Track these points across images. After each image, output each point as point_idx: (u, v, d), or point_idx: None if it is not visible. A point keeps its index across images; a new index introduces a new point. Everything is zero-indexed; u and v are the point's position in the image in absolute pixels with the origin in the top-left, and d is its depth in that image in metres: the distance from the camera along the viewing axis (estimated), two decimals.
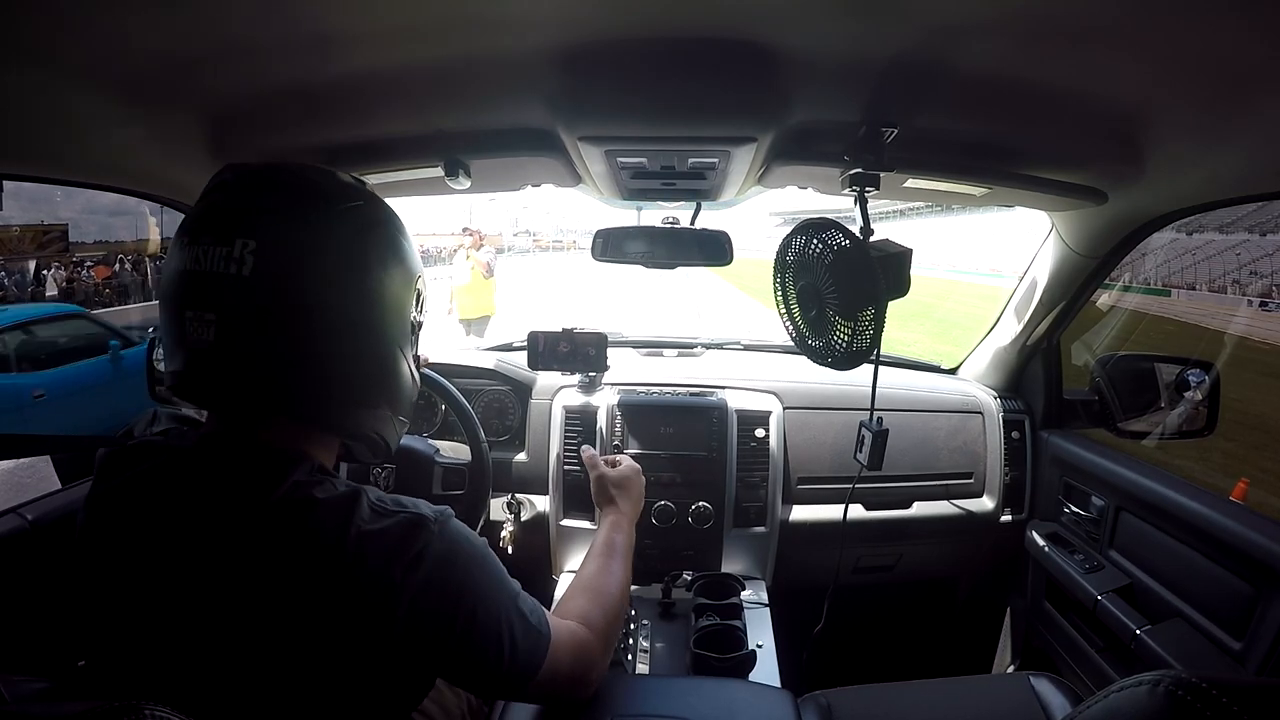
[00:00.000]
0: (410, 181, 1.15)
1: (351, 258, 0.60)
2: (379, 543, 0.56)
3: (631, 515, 1.03)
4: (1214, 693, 0.35)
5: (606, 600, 0.83)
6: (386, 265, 0.63)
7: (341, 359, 0.61)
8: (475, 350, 1.75)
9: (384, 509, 0.59)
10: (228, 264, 0.55)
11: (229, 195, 0.59)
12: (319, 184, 0.61)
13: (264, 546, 0.54)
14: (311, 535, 0.55)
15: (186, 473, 0.59)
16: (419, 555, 0.57)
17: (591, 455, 1.12)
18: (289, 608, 0.53)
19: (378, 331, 0.63)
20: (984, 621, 1.69)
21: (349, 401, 0.64)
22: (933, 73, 0.74)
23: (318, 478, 0.59)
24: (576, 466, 1.44)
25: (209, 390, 0.60)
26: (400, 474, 1.25)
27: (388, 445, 0.71)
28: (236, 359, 0.57)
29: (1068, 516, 1.43)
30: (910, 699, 1.04)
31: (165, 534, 0.56)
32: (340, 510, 0.57)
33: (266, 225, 0.57)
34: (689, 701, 0.84)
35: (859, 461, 1.10)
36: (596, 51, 0.72)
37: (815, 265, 0.95)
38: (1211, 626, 1.05)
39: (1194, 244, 30.81)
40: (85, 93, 0.74)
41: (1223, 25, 0.58)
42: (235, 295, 0.55)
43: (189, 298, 0.56)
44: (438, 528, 0.60)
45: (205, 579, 0.54)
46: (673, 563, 1.34)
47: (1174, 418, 1.36)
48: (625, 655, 1.13)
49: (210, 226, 0.57)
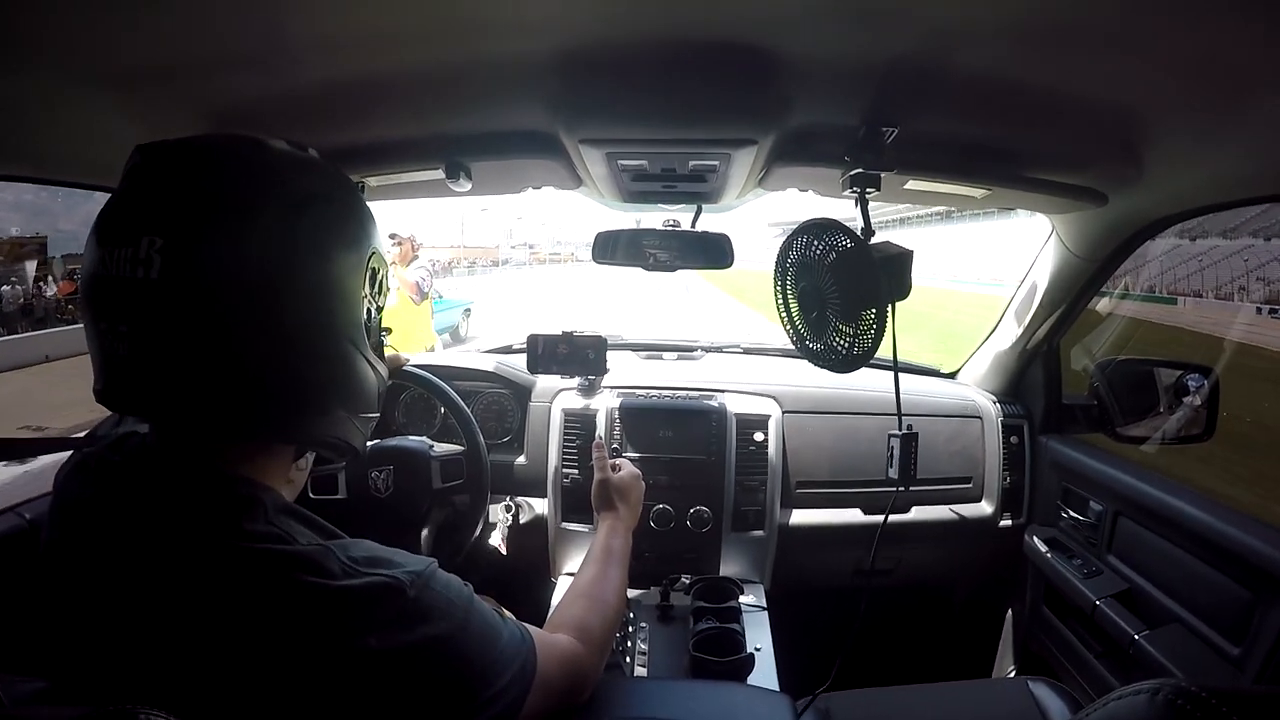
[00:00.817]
0: (411, 184, 1.15)
1: (284, 247, 0.52)
2: (346, 604, 0.51)
3: (630, 522, 1.03)
4: (1213, 702, 0.35)
5: (603, 607, 0.82)
6: (328, 251, 0.55)
7: (280, 365, 0.53)
8: (474, 352, 1.75)
9: (354, 569, 0.52)
10: (134, 267, 0.48)
11: (135, 184, 0.52)
12: (244, 160, 0.53)
13: (204, 597, 0.49)
14: (262, 593, 0.49)
15: (133, 498, 0.53)
16: (391, 621, 0.52)
17: (602, 455, 1.11)
18: (242, 667, 0.49)
19: (322, 329, 0.56)
20: (983, 626, 1.69)
21: (295, 410, 0.56)
22: (933, 75, 0.74)
23: (278, 525, 0.53)
24: (575, 470, 1.44)
25: (131, 405, 0.54)
26: (397, 472, 1.24)
27: (352, 448, 0.64)
28: (156, 372, 0.50)
29: (1066, 521, 1.43)
30: (909, 703, 1.04)
31: (117, 565, 0.51)
32: (300, 567, 0.51)
33: (176, 218, 0.49)
34: (687, 705, 0.83)
35: (891, 477, 1.09)
36: (598, 55, 0.72)
37: (816, 266, 0.95)
38: (1210, 632, 1.05)
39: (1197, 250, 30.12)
40: (85, 95, 0.74)
41: (1222, 27, 0.58)
42: (145, 302, 0.48)
43: (99, 308, 0.50)
44: (415, 592, 0.54)
45: (159, 619, 0.50)
46: (671, 566, 1.34)
47: (1173, 423, 1.36)
48: (624, 658, 1.12)
49: (115, 223, 0.50)
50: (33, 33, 0.61)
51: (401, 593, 0.53)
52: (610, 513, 1.02)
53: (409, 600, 0.53)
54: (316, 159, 0.58)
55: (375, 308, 0.63)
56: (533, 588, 1.44)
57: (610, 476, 1.07)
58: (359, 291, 0.59)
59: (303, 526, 0.56)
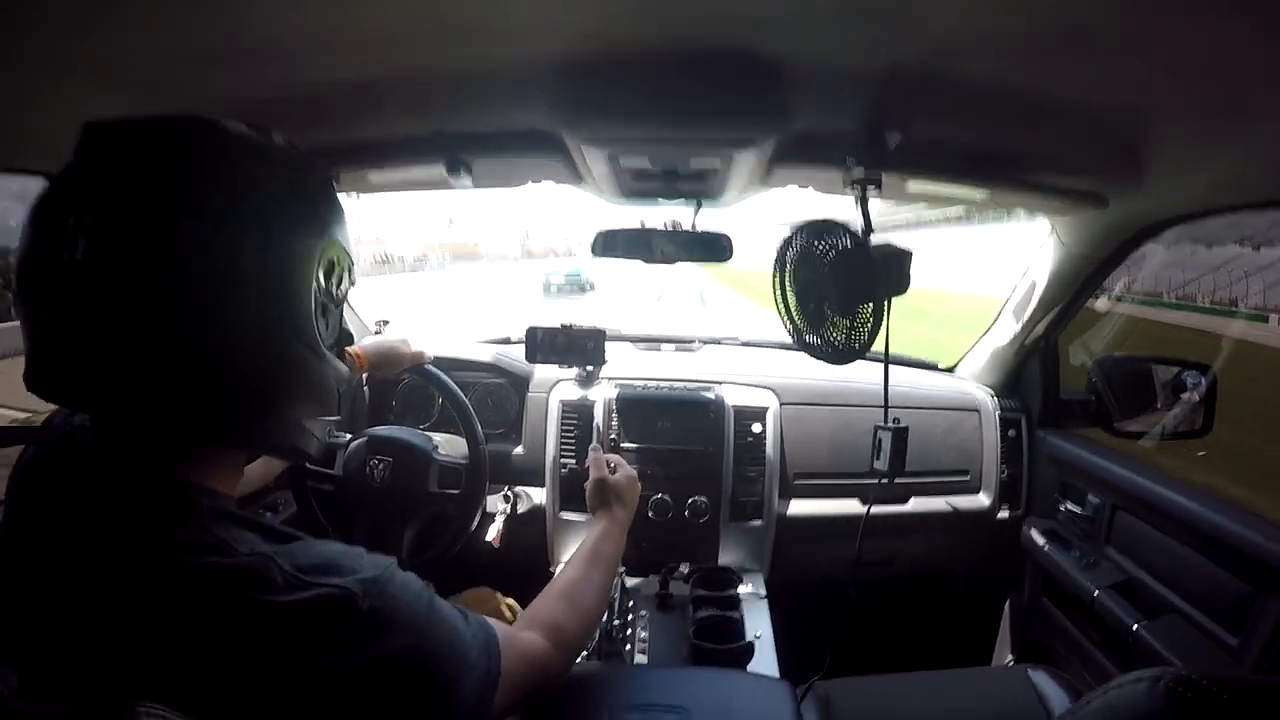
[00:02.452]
0: (412, 180, 1.15)
1: (224, 233, 0.48)
2: (292, 621, 0.47)
3: (624, 525, 1.00)
4: (1214, 689, 0.35)
5: (580, 611, 0.79)
6: (274, 240, 0.51)
7: (217, 362, 0.49)
8: (472, 342, 1.74)
9: (300, 580, 0.49)
10: (58, 247, 0.45)
11: (70, 164, 0.49)
12: (190, 141, 0.50)
13: (145, 612, 0.47)
14: (200, 610, 0.46)
15: (73, 502, 0.51)
16: (343, 636, 0.49)
17: (599, 456, 1.09)
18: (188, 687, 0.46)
19: (266, 324, 0.51)
20: (982, 616, 1.70)
21: (235, 412, 0.52)
22: (934, 79, 0.75)
23: (214, 535, 0.49)
24: (573, 460, 1.44)
25: (56, 393, 0.50)
26: (396, 467, 1.24)
27: (304, 453, 0.60)
28: (79, 360, 0.47)
29: (1064, 514, 1.44)
30: (910, 690, 1.04)
31: (62, 571, 0.49)
32: (239, 582, 0.47)
33: (106, 197, 0.47)
34: (689, 691, 0.83)
35: (878, 469, 1.09)
36: (601, 57, 0.73)
37: (816, 263, 0.96)
38: (1208, 622, 1.05)
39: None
40: (85, 93, 0.74)
41: (1223, 31, 0.58)
42: (68, 284, 0.46)
43: (25, 290, 0.48)
44: (368, 604, 0.50)
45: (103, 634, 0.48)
46: (669, 555, 1.34)
47: (1170, 418, 1.36)
48: (624, 646, 1.12)
49: (45, 203, 0.48)
50: (32, 31, 0.61)
51: (353, 606, 0.49)
52: (605, 514, 0.99)
53: (362, 614, 0.50)
54: (277, 145, 0.55)
55: (333, 302, 0.58)
56: (531, 577, 1.44)
57: (607, 477, 1.04)
58: (310, 284, 0.54)
59: (245, 532, 0.51)
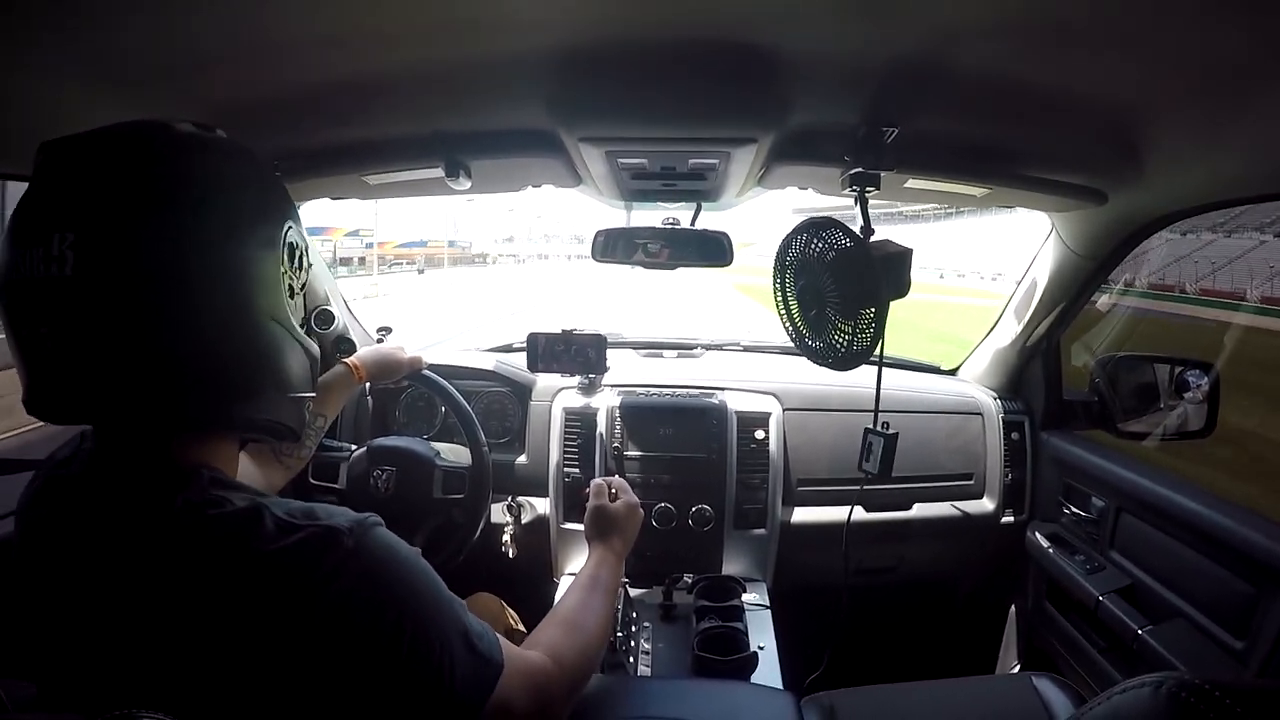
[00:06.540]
0: (411, 182, 1.15)
1: (193, 232, 0.51)
2: (282, 563, 0.50)
3: (622, 553, 0.98)
4: (1217, 694, 0.35)
5: (582, 635, 0.77)
6: (238, 232, 0.54)
7: (204, 351, 0.53)
8: (474, 351, 1.74)
9: (289, 523, 0.52)
10: (47, 265, 0.47)
11: (43, 182, 0.51)
12: (149, 148, 0.52)
13: (157, 578, 0.50)
14: (202, 561, 0.50)
15: (84, 504, 0.54)
16: (330, 575, 0.51)
17: (600, 484, 1.07)
18: (199, 641, 0.49)
19: (241, 311, 0.55)
20: (986, 622, 1.69)
21: (223, 395, 0.56)
22: (933, 74, 0.74)
23: (212, 494, 0.53)
24: (576, 469, 1.44)
25: (61, 411, 0.53)
26: (400, 476, 1.24)
27: (291, 430, 0.63)
28: (81, 373, 0.50)
29: (1068, 517, 1.43)
30: (914, 700, 1.04)
31: (79, 569, 0.52)
32: (235, 529, 0.51)
33: (86, 212, 0.49)
34: (692, 703, 0.83)
35: (867, 471, 1.09)
36: (597, 54, 0.72)
37: (816, 264, 0.95)
38: (1213, 626, 1.05)
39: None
40: (84, 94, 0.74)
41: (1221, 26, 0.58)
42: (63, 301, 0.48)
43: (16, 313, 0.50)
44: (353, 541, 0.53)
45: (123, 614, 0.51)
46: (673, 565, 1.34)
47: (1174, 418, 1.36)
48: (627, 657, 1.12)
49: (25, 224, 0.49)
50: (31, 32, 0.61)
51: (338, 541, 0.52)
52: (602, 542, 0.97)
53: (347, 550, 0.52)
54: (223, 139, 0.57)
55: (299, 283, 0.62)
56: (536, 588, 1.44)
57: (607, 505, 1.02)
58: (277, 269, 0.58)
59: (239, 493, 0.55)
